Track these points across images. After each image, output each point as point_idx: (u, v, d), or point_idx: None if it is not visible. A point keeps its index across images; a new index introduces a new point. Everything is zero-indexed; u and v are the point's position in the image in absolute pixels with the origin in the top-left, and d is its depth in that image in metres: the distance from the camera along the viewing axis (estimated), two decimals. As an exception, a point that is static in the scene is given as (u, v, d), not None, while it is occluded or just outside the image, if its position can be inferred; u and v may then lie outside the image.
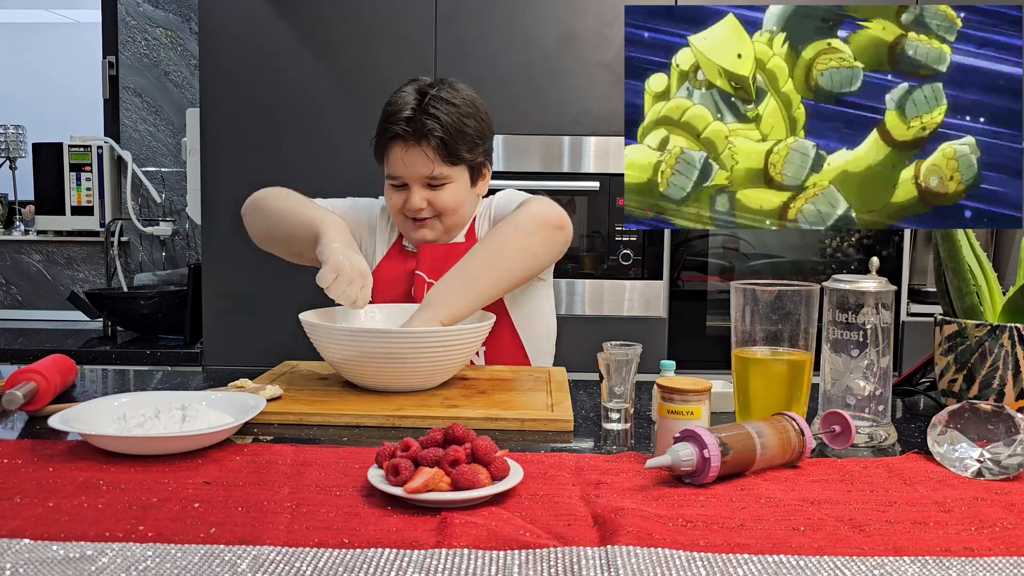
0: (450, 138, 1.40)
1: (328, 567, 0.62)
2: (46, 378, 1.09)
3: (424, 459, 0.76)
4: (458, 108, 1.42)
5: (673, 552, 0.65)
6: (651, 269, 2.28)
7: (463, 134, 1.42)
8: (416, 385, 1.20)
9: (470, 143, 1.44)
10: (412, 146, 1.41)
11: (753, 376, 1.00)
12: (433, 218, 1.47)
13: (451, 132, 1.40)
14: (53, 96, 3.24)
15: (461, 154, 1.43)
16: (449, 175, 1.44)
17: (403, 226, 1.51)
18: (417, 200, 1.43)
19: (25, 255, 2.96)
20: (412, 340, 1.16)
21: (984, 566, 0.64)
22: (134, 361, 2.37)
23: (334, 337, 1.18)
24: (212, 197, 2.31)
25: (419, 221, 1.47)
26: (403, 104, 1.42)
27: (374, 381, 1.19)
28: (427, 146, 1.40)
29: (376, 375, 1.18)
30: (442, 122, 1.39)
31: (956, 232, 1.09)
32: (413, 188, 1.44)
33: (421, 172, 1.42)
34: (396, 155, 1.43)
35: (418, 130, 1.40)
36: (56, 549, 0.64)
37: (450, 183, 1.45)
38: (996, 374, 1.03)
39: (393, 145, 1.43)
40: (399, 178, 1.45)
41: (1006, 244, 2.34)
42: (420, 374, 1.19)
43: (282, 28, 2.28)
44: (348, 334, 1.18)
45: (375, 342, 1.15)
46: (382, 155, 1.47)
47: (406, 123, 1.40)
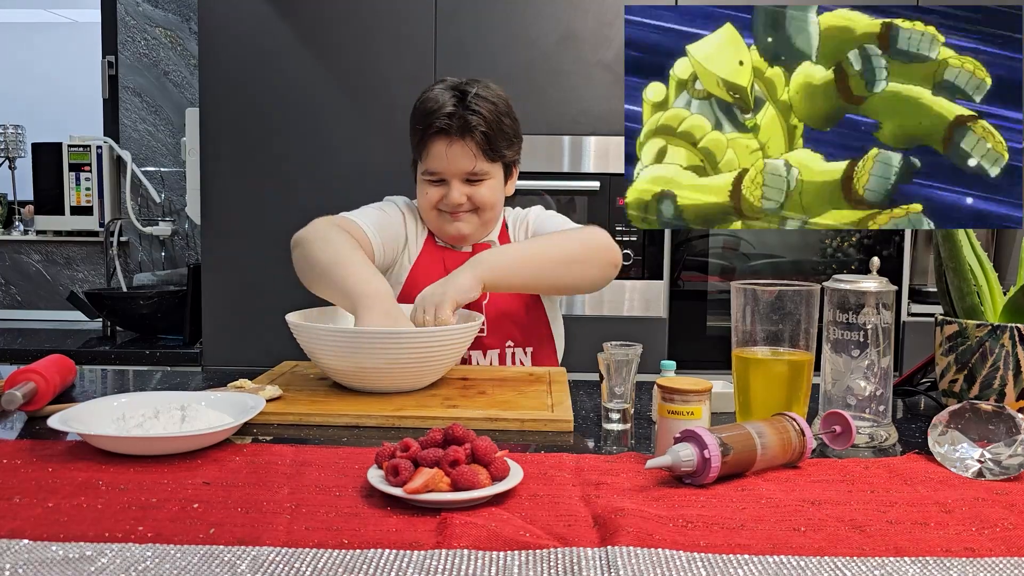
0: (492, 134, 1.43)
1: (328, 567, 0.62)
2: (45, 378, 1.09)
3: (424, 459, 0.76)
4: (497, 106, 1.44)
5: (673, 553, 0.65)
6: (651, 269, 2.28)
7: (503, 131, 1.45)
8: (404, 386, 1.19)
9: (508, 140, 1.47)
10: (456, 141, 1.42)
11: (753, 376, 1.00)
12: (470, 212, 1.48)
13: (493, 128, 1.43)
14: (53, 96, 3.24)
15: (501, 151, 1.46)
16: (488, 171, 1.46)
17: (437, 221, 1.50)
18: (457, 195, 1.45)
19: (24, 255, 2.96)
20: (398, 341, 1.14)
21: (985, 567, 0.64)
22: (133, 361, 2.37)
23: (319, 337, 1.16)
24: (212, 197, 2.31)
25: (455, 214, 1.47)
26: (442, 101, 1.42)
27: (360, 382, 1.18)
28: (471, 141, 1.42)
29: (360, 375, 1.16)
30: (485, 118, 1.42)
31: (957, 232, 1.08)
32: (453, 183, 1.45)
33: (463, 167, 1.44)
34: (439, 150, 1.43)
35: (462, 125, 1.41)
36: (56, 549, 0.64)
37: (489, 179, 1.47)
38: (997, 374, 1.03)
39: (435, 140, 1.43)
40: (439, 173, 1.45)
41: (1006, 244, 2.34)
42: (407, 374, 1.17)
43: (282, 28, 2.28)
44: (332, 334, 1.16)
45: (360, 342, 1.13)
46: (422, 150, 1.46)
47: (448, 118, 1.41)
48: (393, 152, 2.21)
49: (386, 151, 2.25)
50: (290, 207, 2.28)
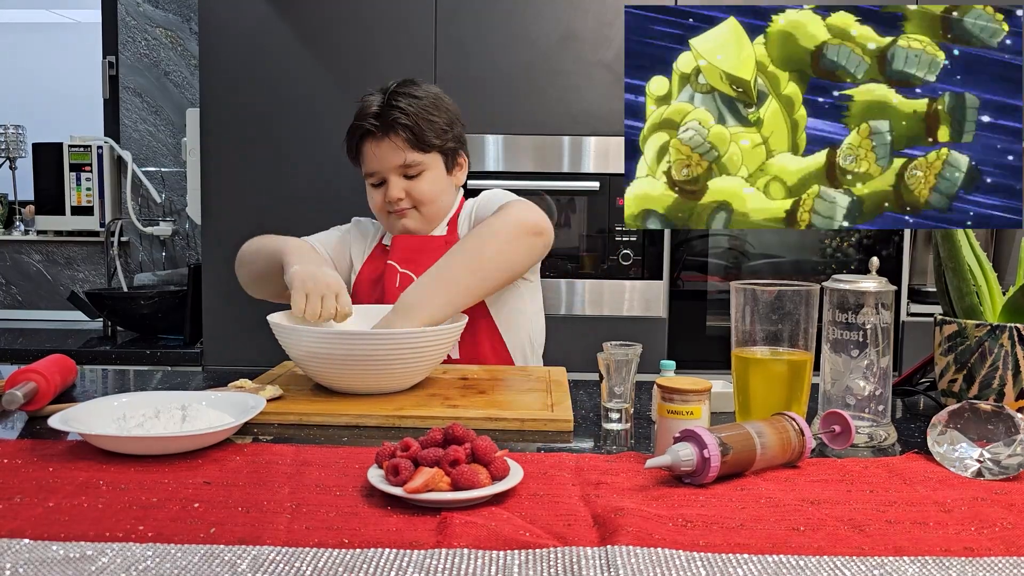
0: (416, 125, 1.46)
1: (328, 567, 0.62)
2: (46, 378, 1.09)
3: (424, 459, 0.76)
4: (420, 100, 1.48)
5: (673, 552, 0.65)
6: (651, 269, 2.28)
7: (429, 121, 1.47)
8: (385, 388, 1.18)
9: (438, 129, 1.49)
10: (382, 139, 1.47)
11: (753, 376, 1.00)
12: (412, 208, 1.50)
13: (416, 120, 1.46)
14: (53, 96, 3.24)
15: (430, 140, 1.47)
16: (422, 162, 1.48)
17: (387, 222, 1.55)
18: (395, 191, 1.48)
19: (25, 255, 2.96)
20: (378, 342, 1.13)
21: (984, 566, 0.64)
22: (134, 361, 2.37)
23: (299, 339, 1.15)
24: (212, 197, 2.31)
25: (399, 212, 1.50)
26: (368, 104, 1.49)
27: (340, 383, 1.17)
28: (395, 136, 1.46)
29: (340, 377, 1.15)
30: (407, 111, 1.45)
31: (956, 232, 1.09)
32: (390, 180, 1.49)
33: (394, 162, 1.47)
34: (369, 151, 1.49)
35: (385, 122, 1.46)
36: (56, 549, 0.64)
37: (425, 171, 1.49)
38: (996, 374, 1.03)
39: (365, 142, 1.49)
40: (376, 174, 1.50)
41: (1006, 244, 2.34)
42: (388, 377, 1.16)
43: (282, 28, 2.28)
44: (313, 336, 1.14)
45: (341, 344, 1.12)
46: (357, 157, 1.52)
47: (374, 118, 1.46)
48: (393, 152, 2.21)
49: (386, 151, 2.24)
50: (290, 207, 2.28)
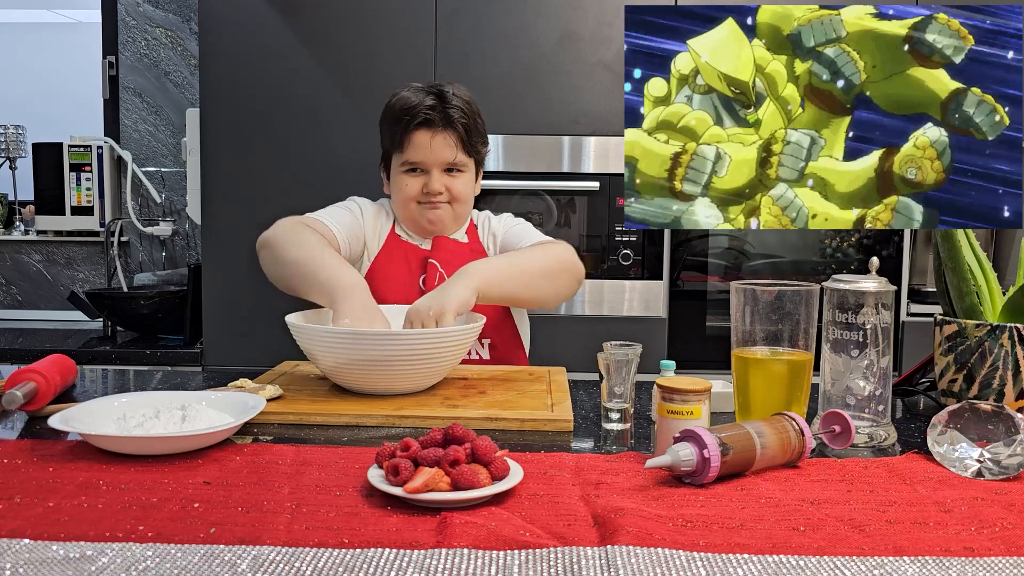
0: (470, 128, 1.50)
1: (328, 567, 0.62)
2: (46, 378, 1.09)
3: (424, 459, 0.76)
4: (471, 105, 1.52)
5: (673, 552, 0.65)
6: (651, 269, 2.28)
7: (477, 128, 1.52)
8: (406, 388, 1.18)
9: (482, 138, 1.54)
10: (439, 132, 1.48)
11: (753, 376, 1.00)
12: (447, 203, 1.53)
13: (470, 123, 1.50)
14: (53, 96, 3.24)
15: (477, 146, 1.53)
16: (466, 164, 1.53)
17: (415, 211, 1.53)
18: (438, 184, 1.50)
19: (25, 255, 2.96)
20: (400, 342, 1.13)
21: (984, 566, 0.64)
22: (134, 361, 2.37)
23: (320, 339, 1.15)
24: (212, 197, 2.31)
25: (433, 204, 1.52)
26: (421, 98, 1.48)
27: (362, 384, 1.17)
28: (452, 133, 1.49)
29: (363, 378, 1.16)
30: (465, 112, 1.49)
31: (956, 232, 1.09)
32: (433, 173, 1.50)
33: (445, 157, 1.49)
34: (422, 140, 1.48)
35: (444, 117, 1.48)
36: (56, 549, 0.64)
37: (465, 172, 1.54)
38: (996, 374, 1.03)
39: (418, 131, 1.49)
40: (421, 163, 1.50)
41: (1006, 244, 2.34)
42: (409, 377, 1.17)
43: (282, 28, 2.28)
44: (334, 336, 1.15)
45: (362, 345, 1.13)
46: (402, 142, 1.50)
47: (431, 110, 1.47)
48: (393, 152, 2.21)
49: (386, 151, 2.25)
50: (290, 207, 2.27)
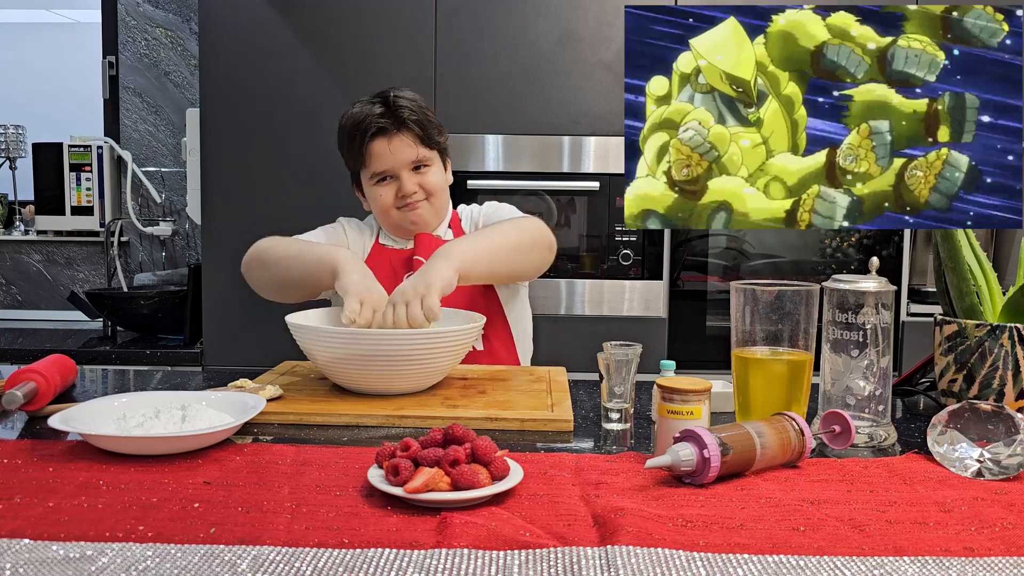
0: (424, 123, 1.52)
1: (328, 567, 0.62)
2: (46, 378, 1.09)
3: (424, 459, 0.76)
4: (417, 100, 1.54)
5: (673, 552, 0.65)
6: (651, 269, 2.28)
7: (430, 121, 1.54)
8: (406, 388, 1.18)
9: (436, 128, 1.56)
10: (394, 135, 1.50)
11: (753, 376, 1.00)
12: (423, 200, 1.54)
13: (422, 118, 1.52)
14: (53, 96, 3.24)
15: (434, 138, 1.55)
16: (429, 157, 1.54)
17: (396, 217, 1.55)
18: (409, 184, 1.52)
19: (25, 255, 2.96)
20: (401, 341, 1.13)
21: (984, 566, 0.64)
22: (134, 361, 2.37)
23: (321, 339, 1.15)
24: (212, 197, 2.31)
25: (412, 204, 1.53)
26: (369, 109, 1.51)
27: (362, 384, 1.17)
28: (407, 132, 1.51)
29: (363, 377, 1.16)
30: (412, 110, 1.51)
31: (956, 232, 1.09)
32: (402, 175, 1.52)
33: (407, 157, 1.51)
34: (381, 148, 1.51)
35: (396, 120, 1.50)
36: (56, 549, 0.64)
37: (432, 165, 1.55)
38: (996, 374, 1.03)
39: (375, 141, 1.51)
40: (387, 171, 1.52)
41: (1006, 244, 2.34)
42: (409, 376, 1.16)
43: (282, 28, 2.28)
44: (335, 336, 1.15)
45: (363, 344, 1.13)
46: (362, 157, 1.53)
47: (381, 117, 1.49)
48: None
49: (386, 151, 2.25)
50: (290, 207, 2.28)
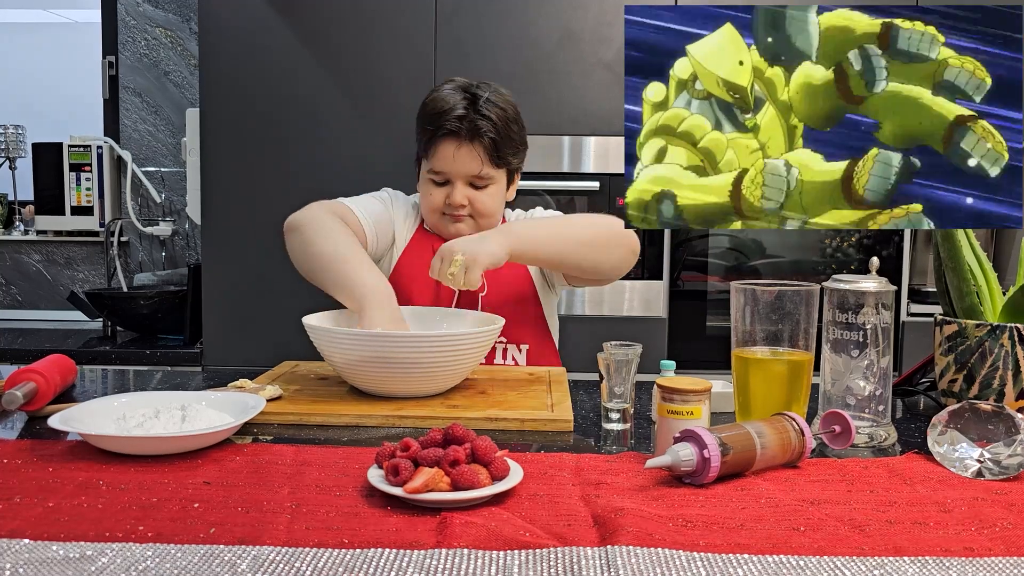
0: (500, 140, 1.43)
1: (328, 567, 0.62)
2: (46, 378, 1.09)
3: (424, 459, 0.76)
4: (506, 112, 1.44)
5: (673, 552, 0.65)
6: (651, 269, 2.28)
7: (510, 138, 1.45)
8: (422, 391, 1.17)
9: (514, 148, 1.47)
10: (464, 144, 1.42)
11: (753, 376, 1.00)
12: (468, 216, 1.48)
13: (501, 135, 1.43)
14: (53, 96, 3.24)
15: (507, 158, 1.46)
16: (493, 177, 1.46)
17: (438, 221, 1.50)
18: (459, 197, 1.45)
19: (25, 255, 2.96)
20: (417, 344, 1.12)
21: (984, 566, 0.64)
22: (134, 361, 2.37)
23: (337, 341, 1.14)
24: (212, 197, 2.31)
25: (456, 216, 1.47)
26: (453, 103, 1.42)
27: (378, 386, 1.16)
28: (479, 146, 1.42)
29: (379, 380, 1.15)
30: (495, 124, 1.42)
31: (956, 232, 1.09)
32: (456, 185, 1.45)
33: (469, 170, 1.44)
34: (446, 151, 1.43)
35: (472, 129, 1.41)
36: (56, 549, 0.64)
37: (492, 185, 1.47)
38: (996, 374, 1.03)
39: (444, 141, 1.43)
40: (444, 174, 1.45)
41: (1006, 244, 2.34)
42: (425, 380, 1.15)
43: (282, 28, 2.28)
44: (351, 337, 1.14)
45: (378, 346, 1.12)
46: (428, 149, 1.46)
47: (459, 121, 1.41)
48: (393, 152, 2.21)
49: (386, 151, 2.25)
50: (290, 207, 2.27)
